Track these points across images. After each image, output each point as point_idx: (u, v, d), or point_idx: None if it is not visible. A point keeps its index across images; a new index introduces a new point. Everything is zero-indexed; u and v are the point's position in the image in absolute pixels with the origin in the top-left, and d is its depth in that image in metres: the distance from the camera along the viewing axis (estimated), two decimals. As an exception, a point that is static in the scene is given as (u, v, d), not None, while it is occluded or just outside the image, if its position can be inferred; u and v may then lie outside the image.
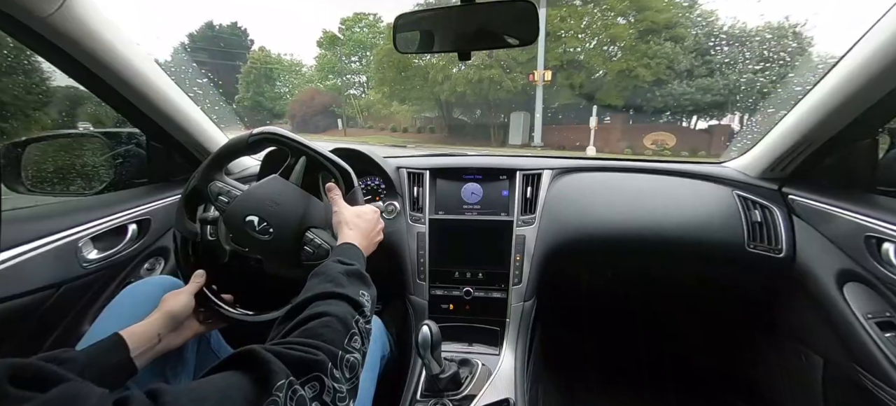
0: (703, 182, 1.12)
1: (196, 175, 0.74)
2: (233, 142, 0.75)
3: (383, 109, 21.59)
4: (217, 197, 0.72)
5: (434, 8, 0.78)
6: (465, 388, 0.87)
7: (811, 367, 0.98)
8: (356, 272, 0.57)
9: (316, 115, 23.65)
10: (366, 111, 23.63)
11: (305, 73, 28.76)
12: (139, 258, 0.94)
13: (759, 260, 0.98)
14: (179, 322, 0.66)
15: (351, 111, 24.23)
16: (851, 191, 0.89)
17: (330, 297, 0.50)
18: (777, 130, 0.99)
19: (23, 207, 0.83)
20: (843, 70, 0.78)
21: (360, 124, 23.53)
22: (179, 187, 1.06)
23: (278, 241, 0.69)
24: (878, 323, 0.76)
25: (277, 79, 29.37)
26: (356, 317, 0.49)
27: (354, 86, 25.93)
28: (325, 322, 0.46)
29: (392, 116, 21.47)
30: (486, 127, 16.68)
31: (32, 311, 0.73)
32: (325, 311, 0.47)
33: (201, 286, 0.71)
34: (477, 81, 14.47)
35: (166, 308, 0.64)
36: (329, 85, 25.32)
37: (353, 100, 24.77)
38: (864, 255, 0.78)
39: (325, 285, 0.51)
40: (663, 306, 1.46)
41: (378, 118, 22.53)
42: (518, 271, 1.05)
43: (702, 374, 1.39)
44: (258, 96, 28.20)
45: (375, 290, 0.58)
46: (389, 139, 18.52)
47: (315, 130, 22.90)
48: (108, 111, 0.96)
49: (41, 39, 0.71)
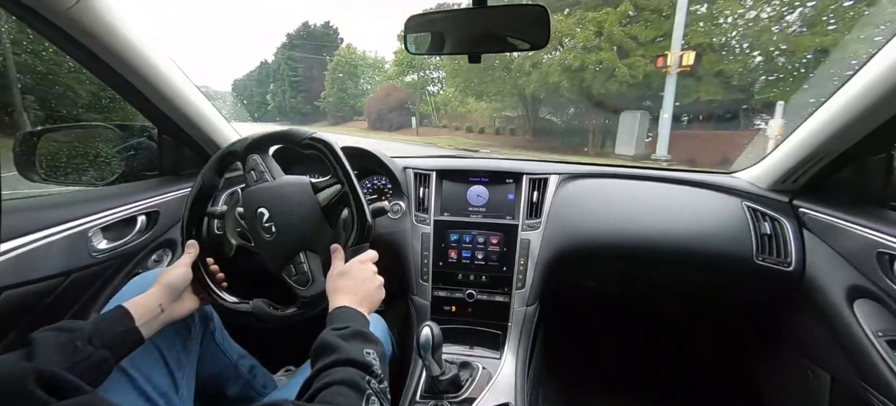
0: (712, 192, 1.11)
1: (245, 139, 0.74)
2: (290, 133, 0.73)
3: (460, 107, 19.60)
4: (250, 171, 0.73)
5: (445, 10, 0.78)
6: (465, 390, 0.87)
7: (818, 384, 0.96)
8: (352, 333, 0.54)
9: (391, 112, 22.71)
10: (441, 109, 21.67)
11: (388, 69, 28.27)
12: (147, 250, 0.95)
13: (767, 272, 0.97)
14: (178, 292, 0.66)
15: (426, 109, 22.43)
16: (864, 206, 0.88)
17: (333, 367, 0.48)
18: (789, 142, 0.98)
19: (36, 195, 0.85)
20: (858, 83, 0.77)
21: (434, 123, 21.56)
22: (189, 181, 1.07)
23: (275, 247, 0.70)
24: (888, 341, 0.74)
25: (361, 76, 29.46)
26: (366, 377, 0.47)
27: (433, 82, 24.39)
28: (334, 391, 0.44)
29: (468, 115, 19.20)
30: (580, 131, 13.42)
31: (41, 298, 0.74)
32: (330, 380, 0.45)
33: (195, 257, 0.71)
34: (577, 69, 10.77)
35: (163, 280, 0.65)
36: (408, 81, 23.99)
37: (428, 96, 23.14)
38: (876, 271, 0.76)
39: (324, 359, 0.50)
40: (669, 315, 1.45)
41: (454, 117, 20.31)
42: (522, 275, 1.05)
43: (705, 385, 1.37)
44: (342, 93, 28.49)
45: (382, 344, 0.56)
46: (462, 140, 16.03)
47: (389, 128, 22.05)
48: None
49: (60, 32, 0.72)
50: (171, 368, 0.66)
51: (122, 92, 0.90)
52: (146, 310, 0.60)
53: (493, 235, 1.09)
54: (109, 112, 2.00)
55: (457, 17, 0.79)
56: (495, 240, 1.08)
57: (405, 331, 1.17)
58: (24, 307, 0.71)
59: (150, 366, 0.63)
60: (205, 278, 0.72)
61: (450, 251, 1.09)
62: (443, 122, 21.08)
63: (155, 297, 0.62)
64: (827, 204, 0.93)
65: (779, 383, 1.15)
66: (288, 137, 0.73)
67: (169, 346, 0.67)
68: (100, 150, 1.09)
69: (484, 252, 1.08)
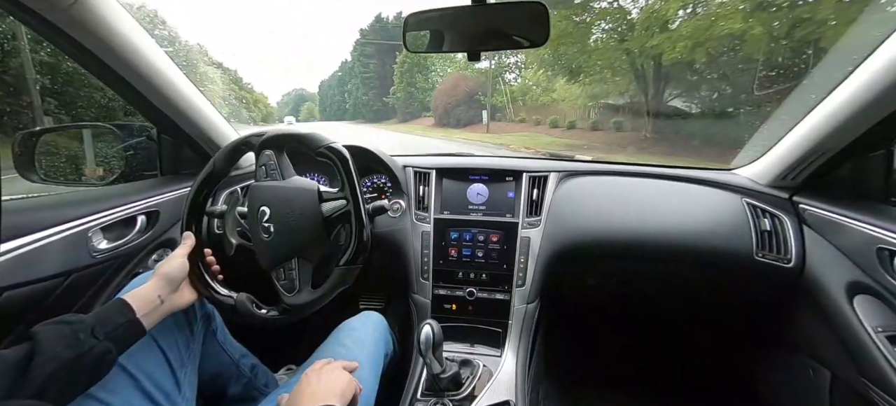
0: (712, 189, 1.11)
1: (262, 134, 0.75)
2: (308, 137, 0.72)
3: (543, 95, 14.96)
4: (262, 165, 0.74)
5: (444, 8, 0.78)
6: (465, 388, 0.86)
7: (818, 381, 0.96)
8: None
9: (458, 105, 19.29)
10: (519, 99, 17.48)
11: (459, 58, 23.44)
12: (147, 249, 0.95)
13: (767, 269, 0.97)
14: (177, 283, 0.66)
15: (500, 100, 18.43)
16: (864, 201, 0.88)
17: None
18: (789, 138, 0.98)
19: (36, 195, 0.85)
20: (859, 78, 0.77)
21: (509, 117, 17.55)
22: (188, 180, 1.07)
23: (270, 247, 0.71)
24: (888, 336, 0.74)
25: (431, 68, 26.74)
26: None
27: (510, 68, 19.69)
28: None
29: (552, 106, 14.35)
30: (746, 124, 7.56)
31: (41, 298, 0.74)
32: None
33: (191, 248, 0.71)
34: (744, 28, 6.73)
35: (161, 271, 0.65)
36: (479, 68, 19.10)
37: (502, 85, 18.74)
38: (876, 266, 0.76)
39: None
40: (668, 312, 1.45)
41: (534, 108, 15.92)
42: (522, 273, 1.05)
43: (706, 382, 1.37)
44: (410, 87, 26.64)
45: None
46: (545, 140, 11.64)
47: (456, 124, 18.92)
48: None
49: (59, 31, 0.72)
50: (174, 367, 0.66)
51: (121, 91, 0.90)
52: (145, 302, 0.60)
53: (494, 233, 1.09)
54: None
55: (456, 14, 0.79)
56: (495, 238, 1.08)
57: (406, 329, 1.17)
58: (24, 308, 0.71)
59: (153, 365, 0.63)
60: (201, 271, 0.73)
61: (450, 249, 1.09)
62: (520, 115, 16.93)
63: (153, 289, 0.62)
64: (827, 200, 0.93)
65: (779, 380, 1.15)
66: (304, 141, 0.72)
67: (171, 345, 0.67)
68: (100, 151, 1.09)
69: (484, 250, 1.08)
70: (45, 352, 0.47)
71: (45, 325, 0.51)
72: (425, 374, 0.88)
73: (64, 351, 0.48)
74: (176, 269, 0.66)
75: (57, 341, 0.48)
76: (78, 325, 0.51)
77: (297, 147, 0.74)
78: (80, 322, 0.52)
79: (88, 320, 0.53)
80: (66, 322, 0.52)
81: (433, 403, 0.83)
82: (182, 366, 0.68)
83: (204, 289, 0.72)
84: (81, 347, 0.50)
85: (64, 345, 0.49)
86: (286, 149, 0.76)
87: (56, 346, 0.48)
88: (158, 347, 0.65)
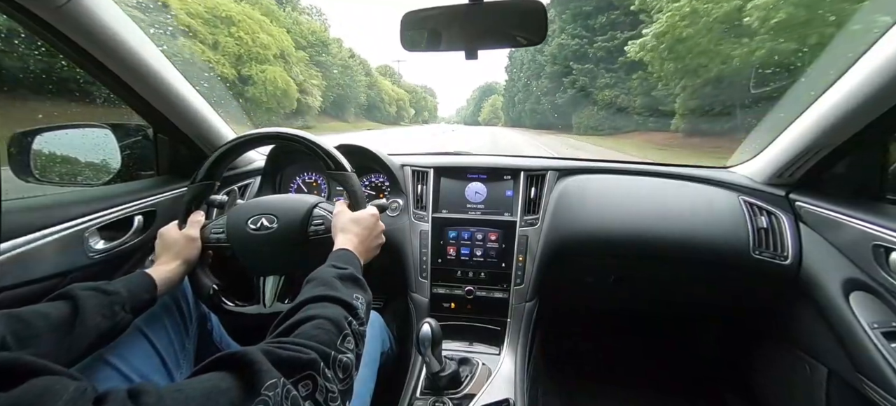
0: (708, 186, 1.11)
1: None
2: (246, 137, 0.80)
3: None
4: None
5: (441, 6, 0.78)
6: (464, 386, 0.87)
7: (815, 377, 0.97)
8: (350, 276, 0.57)
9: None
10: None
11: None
12: (145, 249, 0.95)
13: (764, 266, 0.97)
14: (193, 264, 0.73)
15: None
16: (860, 199, 0.88)
17: (322, 300, 0.51)
18: (786, 136, 0.98)
19: (33, 196, 0.84)
20: (855, 76, 0.77)
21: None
22: (185, 180, 1.06)
23: (250, 254, 0.76)
24: (884, 333, 0.75)
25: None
26: (349, 319, 0.50)
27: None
28: (318, 324, 0.46)
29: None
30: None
31: (39, 300, 0.73)
32: (318, 313, 0.48)
33: (200, 227, 0.77)
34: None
35: (182, 256, 0.72)
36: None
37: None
38: (872, 263, 0.77)
39: (318, 289, 0.52)
40: (666, 311, 1.45)
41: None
42: (520, 272, 1.05)
43: (703, 379, 1.38)
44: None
45: (371, 295, 0.60)
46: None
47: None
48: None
49: (53, 30, 0.71)
50: (169, 369, 0.66)
51: (117, 90, 0.89)
52: (167, 284, 0.66)
53: (492, 232, 1.09)
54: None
55: (453, 13, 0.79)
56: (494, 236, 1.08)
57: (405, 328, 1.17)
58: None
59: (148, 368, 0.63)
60: (198, 276, 0.76)
61: (448, 248, 1.09)
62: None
63: (177, 273, 0.69)
64: (823, 197, 0.94)
65: (776, 377, 1.16)
66: (243, 141, 0.81)
67: (166, 346, 0.66)
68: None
69: (482, 249, 1.08)
70: (86, 322, 0.50)
71: (85, 289, 0.53)
72: (424, 372, 0.88)
73: (103, 322, 0.52)
74: (171, 236, 0.74)
75: (97, 311, 0.52)
76: (115, 297, 0.55)
77: (243, 146, 0.82)
78: (116, 293, 0.55)
79: (123, 294, 0.56)
80: (104, 291, 0.54)
81: (432, 402, 0.84)
82: (177, 367, 0.68)
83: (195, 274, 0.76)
84: (115, 319, 0.54)
85: (103, 316, 0.52)
86: (250, 147, 0.84)
87: (96, 316, 0.51)
88: (153, 349, 0.64)
